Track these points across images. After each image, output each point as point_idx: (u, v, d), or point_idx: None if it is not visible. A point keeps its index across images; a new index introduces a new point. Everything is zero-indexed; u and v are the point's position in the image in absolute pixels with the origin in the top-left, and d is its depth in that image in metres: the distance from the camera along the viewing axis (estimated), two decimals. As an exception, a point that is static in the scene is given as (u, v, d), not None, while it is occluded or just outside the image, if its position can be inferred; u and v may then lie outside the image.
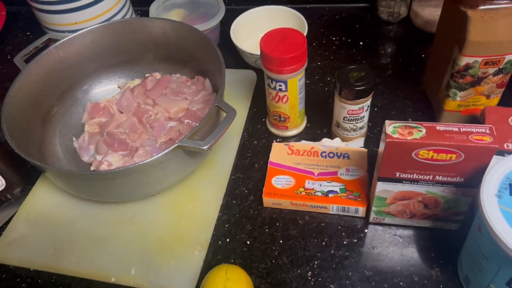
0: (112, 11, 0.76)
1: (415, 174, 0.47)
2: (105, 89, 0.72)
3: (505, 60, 0.54)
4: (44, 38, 0.66)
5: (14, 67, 0.63)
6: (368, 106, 0.58)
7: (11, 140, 0.53)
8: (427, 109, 0.66)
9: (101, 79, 0.72)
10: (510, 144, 0.51)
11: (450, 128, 0.45)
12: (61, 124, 0.67)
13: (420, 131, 0.45)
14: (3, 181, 0.60)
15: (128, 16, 0.80)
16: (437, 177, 0.47)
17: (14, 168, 0.62)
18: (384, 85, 0.71)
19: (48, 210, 0.60)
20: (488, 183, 0.42)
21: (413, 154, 0.45)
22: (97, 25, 0.67)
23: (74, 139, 0.66)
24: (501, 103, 0.59)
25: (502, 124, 0.52)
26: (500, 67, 0.54)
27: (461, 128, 0.45)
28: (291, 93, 0.59)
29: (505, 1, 0.50)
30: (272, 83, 0.59)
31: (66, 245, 0.56)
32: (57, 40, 0.66)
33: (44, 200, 0.61)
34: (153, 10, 0.78)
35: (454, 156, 0.44)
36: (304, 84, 0.61)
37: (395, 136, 0.44)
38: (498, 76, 0.55)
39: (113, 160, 0.60)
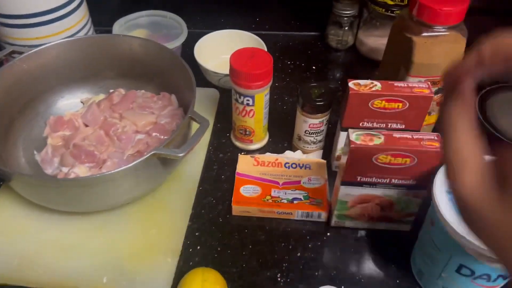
0: (75, 29, 0.77)
1: (374, 178, 0.53)
2: (67, 103, 0.71)
3: (443, 81, 0.62)
4: (8, 50, 0.66)
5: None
6: (327, 121, 0.64)
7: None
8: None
9: (64, 94, 0.71)
10: (365, 123, 0.58)
11: (405, 135, 0.51)
12: (22, 137, 0.65)
13: (379, 138, 0.50)
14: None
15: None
16: (393, 180, 0.53)
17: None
18: (336, 105, 0.77)
19: (9, 221, 0.59)
20: (439, 181, 0.48)
21: (373, 159, 0.51)
22: (64, 40, 0.68)
23: (35, 152, 0.65)
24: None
25: (362, 107, 0.57)
26: (440, 87, 0.62)
27: (413, 136, 0.51)
28: (257, 108, 0.64)
29: (442, 30, 0.59)
30: (240, 97, 0.63)
31: (32, 255, 0.55)
32: (21, 53, 0.66)
33: (4, 211, 0.60)
34: (116, 29, 0.80)
35: (408, 160, 0.50)
36: (269, 100, 0.65)
37: (358, 142, 0.50)
38: (438, 95, 0.63)
39: (80, 172, 0.60)
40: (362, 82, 0.57)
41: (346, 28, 0.85)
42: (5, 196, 0.61)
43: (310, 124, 0.63)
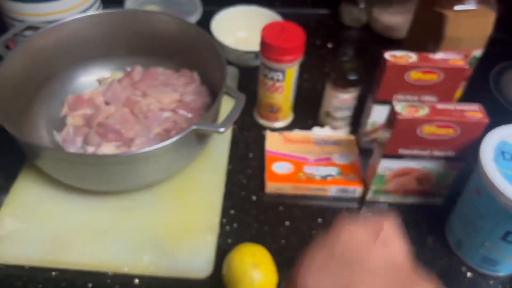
0: (84, 6, 0.74)
1: (415, 150, 0.53)
2: (83, 82, 0.68)
3: (471, 55, 0.62)
4: (23, 26, 0.62)
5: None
6: (356, 96, 0.63)
7: (10, 127, 0.49)
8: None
9: (79, 72, 0.68)
10: (399, 96, 0.57)
11: (447, 107, 0.51)
12: (40, 117, 0.62)
13: (424, 109, 0.50)
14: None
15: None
16: (434, 152, 0.53)
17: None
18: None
19: (36, 204, 0.56)
20: (485, 150, 0.48)
21: (417, 130, 0.51)
22: (82, 15, 0.65)
23: (55, 132, 0.62)
24: (463, 94, 0.68)
25: (397, 79, 0.57)
26: (467, 61, 0.63)
27: (455, 106, 0.51)
28: (287, 83, 0.63)
29: (472, 3, 0.59)
30: (269, 73, 0.62)
31: (65, 238, 0.53)
32: (37, 28, 0.62)
33: (30, 195, 0.57)
34: (128, 5, 0.77)
35: (452, 130, 0.51)
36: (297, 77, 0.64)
37: (404, 113, 0.50)
38: (466, 69, 0.64)
39: (108, 150, 0.58)
40: (398, 53, 0.56)
41: (362, 5, 0.84)
42: (26, 181, 0.59)
43: (341, 99, 0.62)
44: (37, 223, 0.54)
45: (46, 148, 0.50)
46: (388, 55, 0.56)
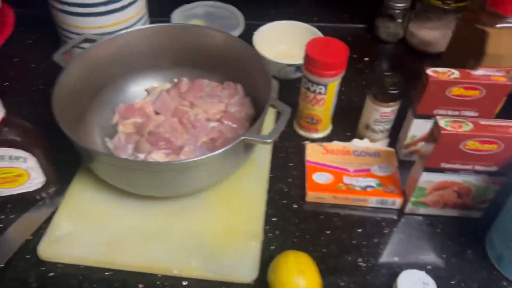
0: (133, 20, 0.78)
1: (457, 164, 0.54)
2: (132, 91, 0.72)
3: (512, 72, 0.63)
4: (81, 38, 0.66)
5: (18, 70, 0.68)
6: (397, 110, 0.65)
7: (68, 132, 0.53)
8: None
9: (129, 82, 0.72)
10: (439, 110, 0.59)
11: (491, 123, 0.52)
12: (93, 125, 0.66)
13: (468, 124, 0.52)
14: (44, 178, 0.59)
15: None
16: (476, 166, 0.54)
17: (53, 167, 0.60)
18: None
19: (90, 208, 0.59)
20: (530, 166, 0.49)
21: (460, 145, 0.52)
22: (134, 29, 0.69)
23: (107, 139, 0.66)
24: (503, 109, 0.68)
25: (439, 94, 0.58)
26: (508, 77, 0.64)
27: (498, 123, 0.52)
28: (328, 96, 0.65)
29: (515, 21, 0.60)
30: (312, 86, 0.64)
31: (118, 240, 0.56)
32: (93, 40, 0.66)
33: (84, 199, 0.60)
34: (174, 18, 0.80)
35: (495, 146, 0.52)
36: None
37: (448, 128, 0.51)
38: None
39: (158, 158, 0.61)
40: (440, 69, 0.58)
41: (399, 20, 0.86)
42: (79, 185, 0.62)
43: (381, 113, 0.64)
44: (91, 225, 0.57)
45: (104, 154, 0.53)
46: (430, 70, 0.58)
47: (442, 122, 0.52)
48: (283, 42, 0.82)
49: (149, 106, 0.68)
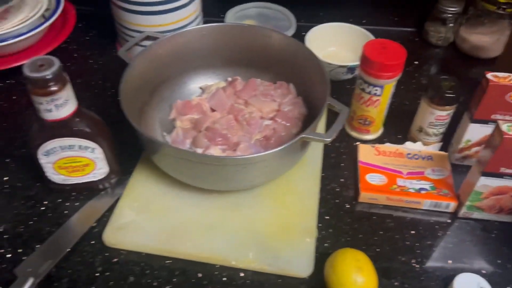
0: (189, 19, 0.80)
1: (518, 169, 0.54)
2: (189, 89, 0.74)
3: None
4: (143, 35, 0.69)
5: (78, 65, 0.74)
6: (452, 114, 0.65)
7: (134, 123, 0.55)
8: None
9: (185, 80, 0.74)
10: (497, 115, 0.60)
11: (554, 129, 0.52)
12: (153, 120, 0.69)
13: (531, 130, 0.51)
14: (107, 169, 0.61)
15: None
16: (536, 172, 0.54)
17: (116, 158, 0.63)
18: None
19: (150, 198, 0.62)
20: None
21: (522, 150, 0.52)
22: (192, 28, 0.71)
23: (165, 133, 0.68)
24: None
25: (498, 99, 0.58)
26: None
27: (562, 129, 0.52)
28: (383, 98, 0.65)
29: None
30: (368, 87, 0.65)
31: (177, 230, 0.58)
32: (154, 38, 0.69)
33: (144, 190, 0.63)
34: (228, 18, 0.82)
35: (559, 152, 0.51)
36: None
37: (510, 133, 0.51)
38: None
39: (215, 153, 0.63)
40: (500, 74, 0.58)
41: (451, 24, 0.85)
42: (142, 175, 0.65)
43: (436, 116, 0.64)
44: (152, 215, 0.60)
45: (172, 146, 0.56)
46: (490, 75, 0.58)
47: (504, 127, 0.52)
48: (332, 43, 0.83)
49: (205, 103, 0.70)
